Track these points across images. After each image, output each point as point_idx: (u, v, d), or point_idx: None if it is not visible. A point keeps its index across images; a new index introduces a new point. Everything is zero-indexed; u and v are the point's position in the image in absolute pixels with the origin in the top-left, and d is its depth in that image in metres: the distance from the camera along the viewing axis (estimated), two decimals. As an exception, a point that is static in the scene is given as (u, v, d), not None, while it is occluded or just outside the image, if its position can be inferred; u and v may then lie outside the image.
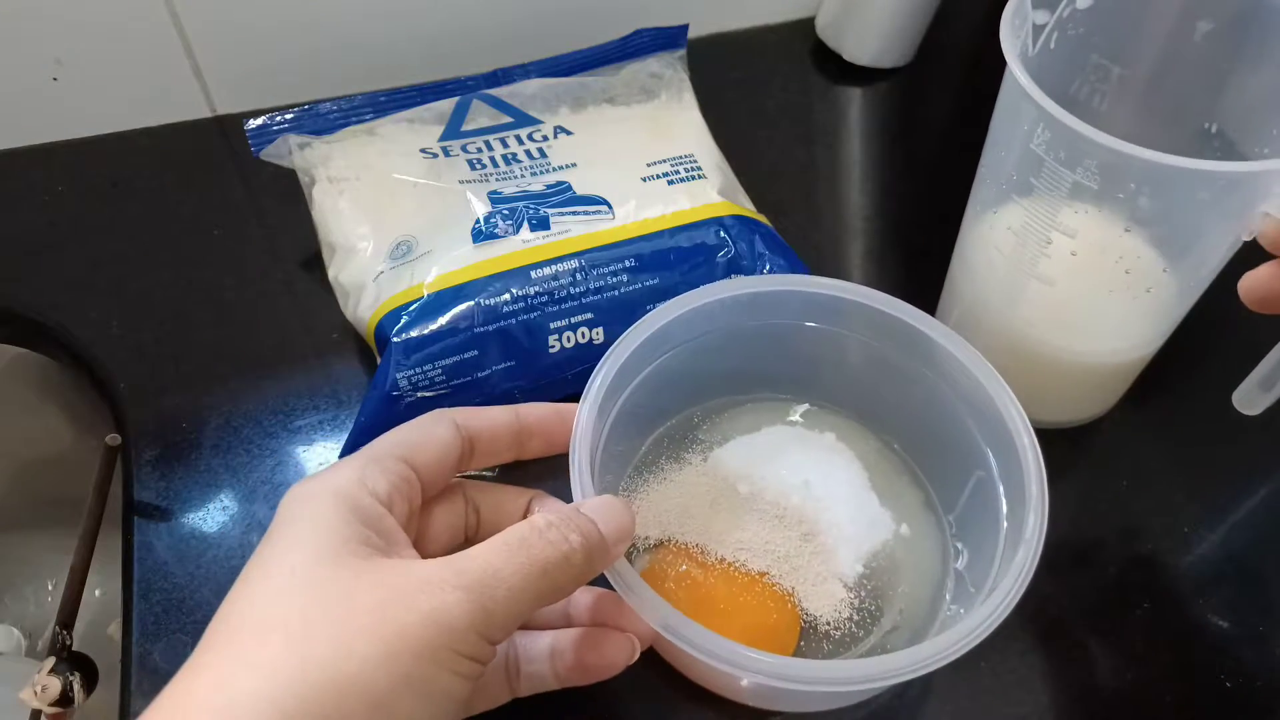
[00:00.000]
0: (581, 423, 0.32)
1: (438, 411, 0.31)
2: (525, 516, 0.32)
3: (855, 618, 0.35)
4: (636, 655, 0.31)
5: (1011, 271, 0.38)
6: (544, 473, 0.34)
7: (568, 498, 0.31)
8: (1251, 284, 0.31)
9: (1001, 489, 0.33)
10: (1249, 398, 0.36)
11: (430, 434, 0.30)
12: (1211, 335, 0.43)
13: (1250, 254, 0.32)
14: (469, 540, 0.32)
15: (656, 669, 0.35)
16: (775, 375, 0.41)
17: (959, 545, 0.37)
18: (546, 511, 0.31)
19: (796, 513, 0.36)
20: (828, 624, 0.35)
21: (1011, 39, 0.34)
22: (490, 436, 0.31)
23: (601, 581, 0.30)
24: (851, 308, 0.36)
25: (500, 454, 0.32)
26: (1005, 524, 0.33)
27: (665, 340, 0.36)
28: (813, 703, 0.35)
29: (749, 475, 0.37)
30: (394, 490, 0.28)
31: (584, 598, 0.33)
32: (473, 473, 0.39)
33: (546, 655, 0.31)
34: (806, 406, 0.41)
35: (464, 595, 0.24)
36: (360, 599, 0.24)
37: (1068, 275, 0.37)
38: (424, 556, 0.31)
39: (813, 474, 0.37)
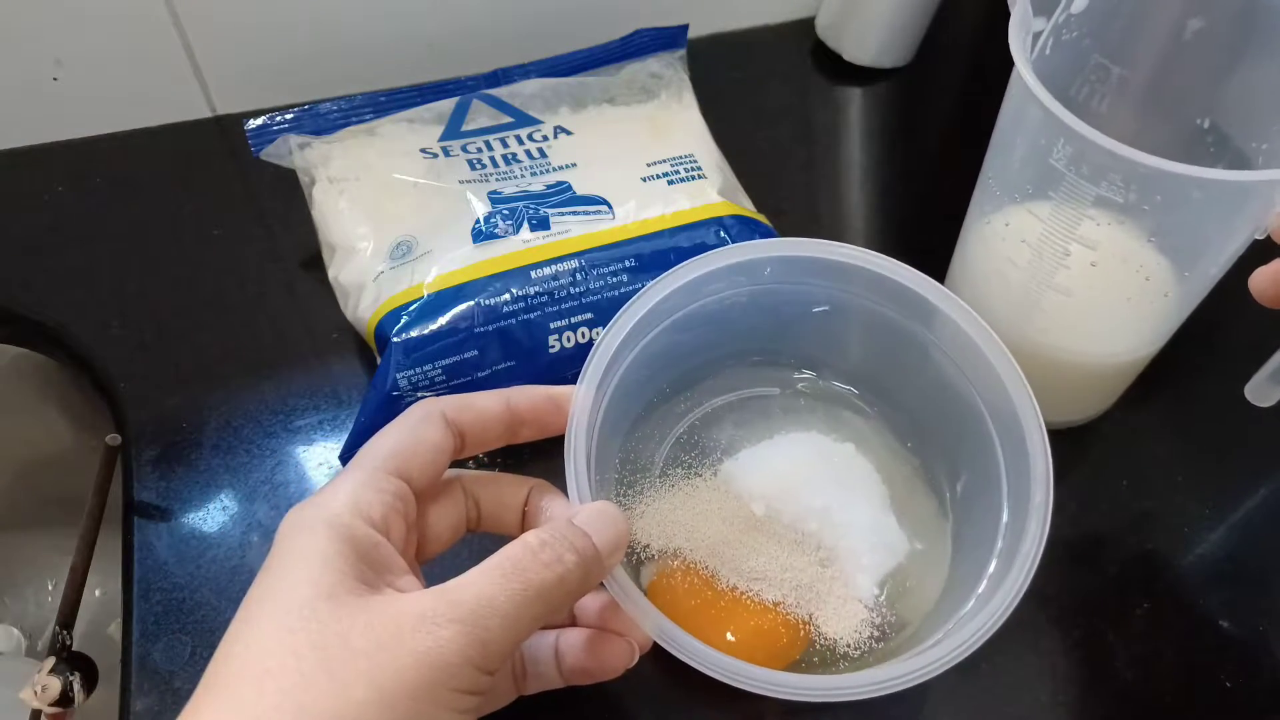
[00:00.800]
0: (575, 425, 0.31)
1: (427, 404, 0.31)
2: (525, 507, 0.32)
3: (876, 635, 0.34)
4: (635, 659, 0.31)
5: (1026, 283, 0.38)
6: (542, 468, 0.34)
7: (564, 484, 0.31)
8: (1265, 281, 0.31)
9: (1005, 488, 0.33)
10: (1261, 390, 0.36)
11: (421, 438, 0.30)
12: (1209, 332, 0.43)
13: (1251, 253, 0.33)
14: (471, 533, 0.32)
15: (657, 667, 0.35)
16: (776, 348, 0.40)
17: (959, 536, 0.36)
18: (543, 514, 0.31)
19: (815, 538, 0.35)
20: (848, 645, 0.34)
21: (1022, 51, 0.33)
22: (480, 428, 0.31)
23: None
24: (851, 272, 0.36)
25: (491, 443, 0.32)
26: (1005, 519, 0.32)
27: (657, 318, 0.35)
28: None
29: (764, 494, 0.36)
30: (389, 511, 0.27)
31: (586, 599, 0.33)
32: (471, 466, 0.39)
33: (551, 655, 0.31)
34: (810, 376, 0.41)
35: (458, 630, 0.24)
36: (355, 642, 0.24)
37: (1086, 285, 0.36)
38: (427, 557, 0.31)
39: (833, 498, 0.36)
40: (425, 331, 0.39)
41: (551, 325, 0.40)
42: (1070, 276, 0.36)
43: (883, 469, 0.38)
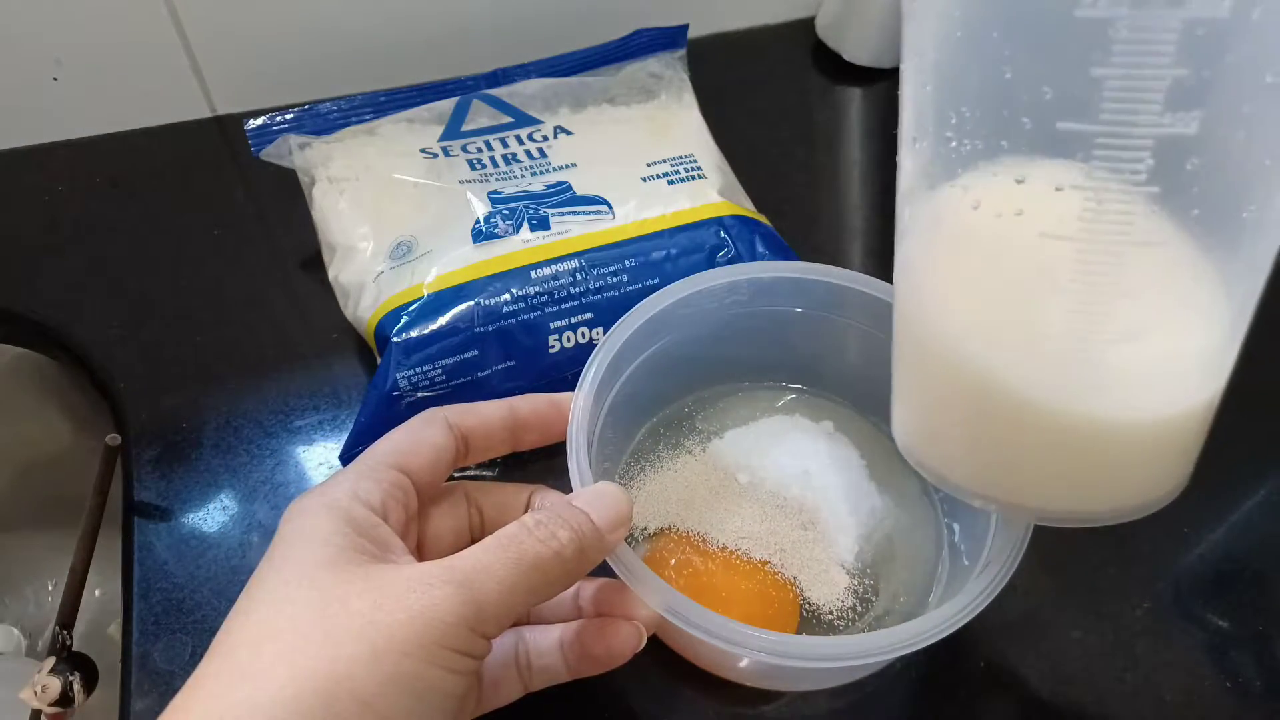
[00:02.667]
0: (578, 411, 0.32)
1: (430, 411, 0.31)
2: (526, 511, 0.32)
3: (858, 607, 0.35)
4: (643, 642, 0.31)
5: (1073, 314, 0.23)
6: (542, 467, 0.34)
7: (568, 488, 0.31)
8: None
9: None
10: None
11: (423, 438, 0.30)
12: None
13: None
14: (475, 541, 0.32)
15: (658, 656, 0.35)
16: (770, 362, 0.41)
17: (953, 525, 0.37)
18: (541, 507, 0.32)
19: (797, 502, 0.37)
20: (830, 613, 0.35)
21: None
22: (484, 433, 0.32)
23: (607, 571, 0.30)
24: (845, 294, 0.37)
25: (495, 449, 0.33)
26: None
27: (660, 328, 0.36)
28: (811, 680, 0.35)
29: (748, 465, 0.38)
30: (388, 498, 0.28)
31: (591, 588, 0.33)
32: (473, 470, 0.40)
33: (556, 648, 0.32)
34: (801, 391, 0.41)
35: (453, 590, 0.25)
36: (351, 603, 0.24)
37: (1167, 294, 0.24)
38: (428, 560, 0.31)
39: (812, 464, 0.38)
40: (425, 331, 0.39)
41: (551, 325, 0.40)
42: (1143, 277, 0.22)
43: (862, 446, 0.39)
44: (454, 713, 0.26)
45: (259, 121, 0.46)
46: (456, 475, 0.35)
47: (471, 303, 0.39)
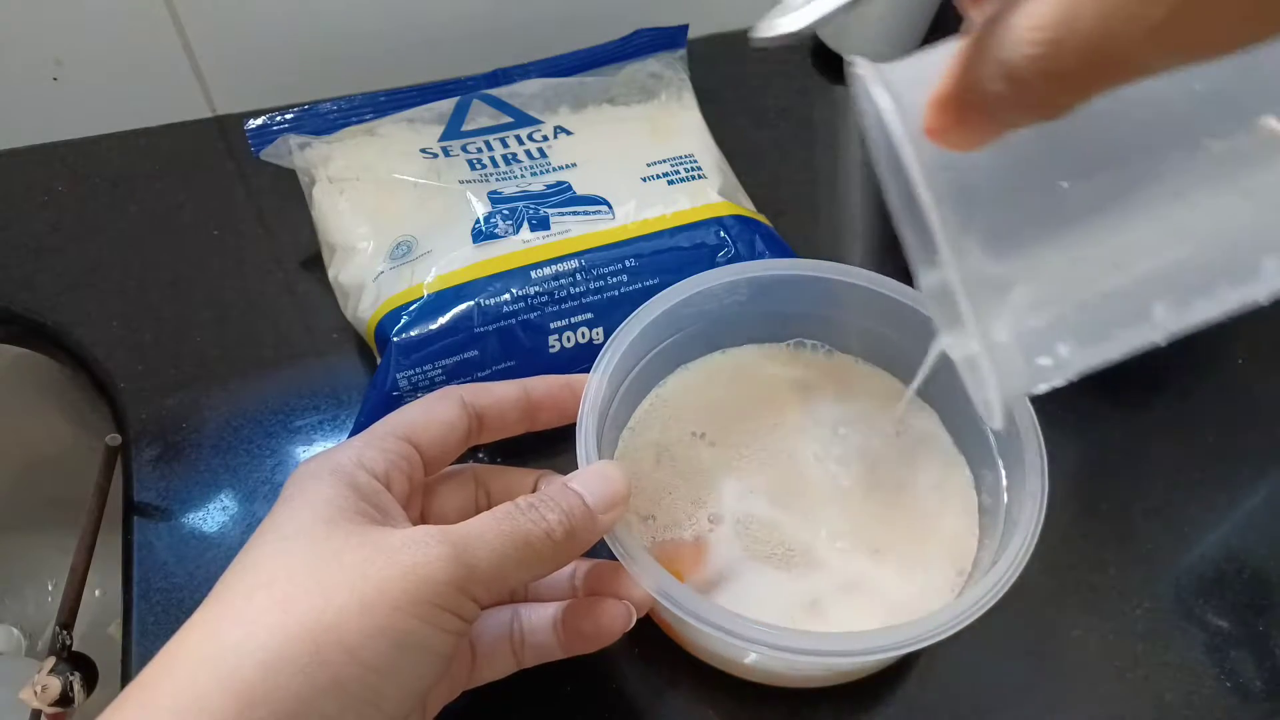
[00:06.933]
0: (591, 392, 0.33)
1: (446, 389, 0.32)
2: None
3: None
4: (633, 622, 0.31)
5: None
6: (555, 447, 0.34)
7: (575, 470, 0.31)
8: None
9: (1004, 472, 0.34)
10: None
11: (434, 412, 0.31)
12: (1207, 334, 0.43)
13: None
14: None
15: (652, 643, 0.35)
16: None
17: (980, 537, 0.37)
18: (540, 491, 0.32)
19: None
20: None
21: None
22: (498, 412, 0.32)
23: (606, 552, 0.30)
24: (859, 292, 0.37)
25: (509, 428, 0.33)
26: (1006, 499, 0.33)
27: (673, 323, 0.37)
28: (807, 677, 0.35)
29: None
30: (392, 468, 0.29)
31: (586, 567, 0.33)
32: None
33: (549, 625, 0.32)
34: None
35: (447, 550, 0.25)
36: (345, 557, 0.25)
37: None
38: None
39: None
40: (425, 331, 0.39)
41: (551, 325, 0.40)
42: None
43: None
44: (438, 672, 0.26)
45: (259, 121, 0.46)
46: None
47: (471, 303, 0.39)
